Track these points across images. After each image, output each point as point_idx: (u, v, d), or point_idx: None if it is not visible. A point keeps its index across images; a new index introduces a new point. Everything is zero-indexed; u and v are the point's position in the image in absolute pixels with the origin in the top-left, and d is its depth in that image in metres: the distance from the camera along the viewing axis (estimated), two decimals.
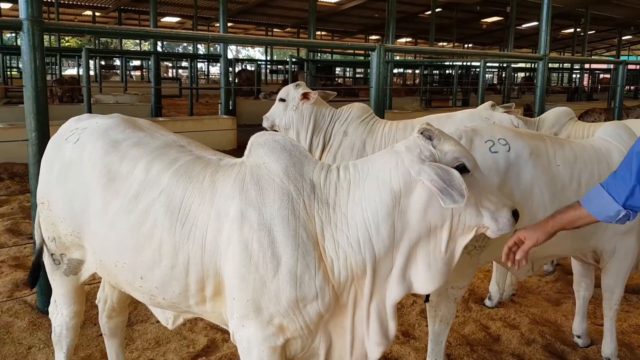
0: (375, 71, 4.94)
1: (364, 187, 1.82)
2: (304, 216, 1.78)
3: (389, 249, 1.80)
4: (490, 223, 1.79)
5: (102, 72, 18.96)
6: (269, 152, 1.88)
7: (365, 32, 31.53)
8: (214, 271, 1.84)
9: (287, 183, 1.81)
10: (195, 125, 9.09)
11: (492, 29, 29.63)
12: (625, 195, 1.70)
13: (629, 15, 26.61)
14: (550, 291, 4.15)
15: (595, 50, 41.81)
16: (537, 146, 2.73)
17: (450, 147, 1.79)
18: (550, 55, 6.70)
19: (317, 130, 4.05)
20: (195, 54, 22.33)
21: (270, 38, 24.76)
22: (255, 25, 28.68)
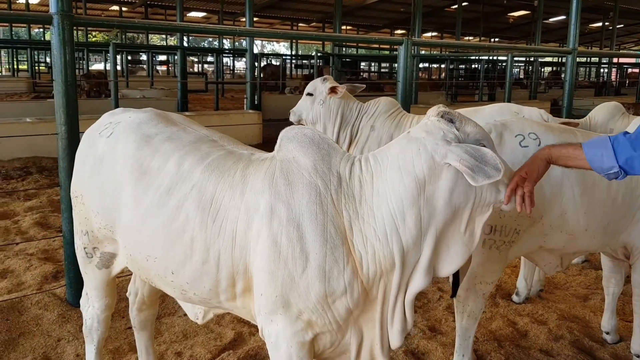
0: (402, 65, 4.92)
1: (386, 178, 1.80)
2: (332, 210, 1.78)
3: (417, 239, 1.78)
4: (498, 197, 1.80)
5: (129, 67, 19.20)
6: (298, 146, 1.88)
7: (391, 26, 31.36)
8: (244, 267, 1.85)
9: (315, 177, 1.81)
10: (222, 119, 9.17)
11: (519, 23, 29.18)
12: (626, 157, 1.69)
13: None
14: (579, 287, 4.10)
15: (624, 45, 40.85)
16: (568, 140, 2.69)
17: (472, 129, 1.79)
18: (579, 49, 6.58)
19: (345, 125, 4.05)
20: (221, 49, 22.44)
21: (297, 32, 24.81)
22: (280, 20, 28.77)
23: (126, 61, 17.20)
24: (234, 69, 27.97)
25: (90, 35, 31.30)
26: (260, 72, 14.62)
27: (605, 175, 1.74)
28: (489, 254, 2.61)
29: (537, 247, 2.69)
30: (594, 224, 2.66)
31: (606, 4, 23.72)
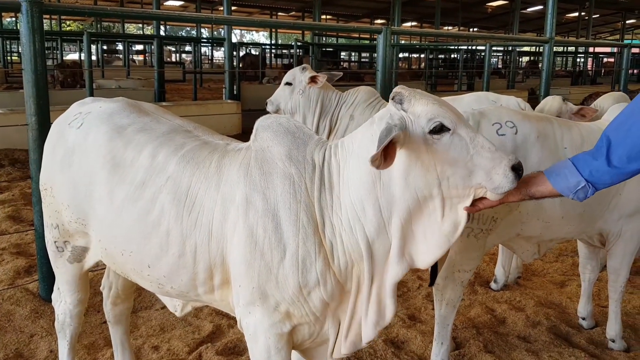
0: (381, 54, 4.90)
1: (349, 166, 1.75)
2: (305, 199, 1.75)
3: (380, 228, 1.72)
4: (487, 181, 1.60)
5: (105, 57, 18.87)
6: (273, 135, 1.85)
7: (371, 16, 31.29)
8: (221, 259, 1.83)
9: (289, 166, 1.78)
10: (200, 110, 9.05)
11: (497, 13, 29.36)
12: (589, 169, 1.62)
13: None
14: (555, 274, 4.16)
15: (599, 35, 41.42)
16: (545, 128, 2.70)
17: (423, 108, 1.63)
18: (556, 38, 6.63)
19: (324, 114, 4.02)
20: (199, 38, 22.15)
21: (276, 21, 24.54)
22: (259, 9, 28.48)
23: (101, 51, 16.90)
24: (212, 58, 27.68)
25: (64, 24, 30.63)
26: (239, 61, 14.47)
27: (574, 196, 1.66)
28: (467, 242, 2.62)
29: (515, 235, 2.71)
30: (570, 211, 2.68)
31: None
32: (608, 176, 1.62)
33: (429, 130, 1.61)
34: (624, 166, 1.59)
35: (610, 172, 1.61)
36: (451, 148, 1.61)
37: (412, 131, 1.62)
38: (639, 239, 2.90)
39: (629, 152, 1.57)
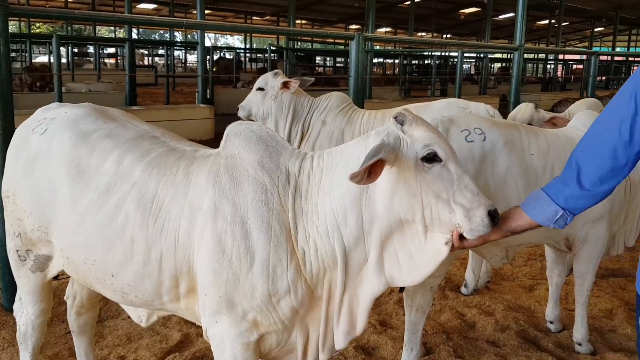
0: (354, 60, 4.92)
1: (334, 174, 1.76)
2: (277, 207, 1.75)
3: (359, 239, 1.74)
4: (464, 221, 1.63)
5: (75, 60, 18.55)
6: (245, 142, 1.84)
7: (346, 21, 31.46)
8: (188, 267, 1.81)
9: (262, 174, 1.78)
10: (172, 114, 8.96)
11: (470, 20, 29.81)
12: (564, 196, 1.65)
13: (601, 7, 27.05)
14: (524, 278, 4.22)
15: (569, 42, 42.38)
16: (512, 135, 2.75)
17: (422, 134, 1.66)
18: (525, 45, 6.75)
19: (296, 120, 4.03)
20: (172, 42, 21.95)
21: (248, 25, 24.48)
22: (234, 13, 28.40)
23: (72, 53, 16.62)
24: (185, 62, 27.44)
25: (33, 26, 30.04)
26: (212, 65, 14.38)
27: (555, 225, 1.68)
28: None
29: None
30: None
31: (552, 2, 24.51)
32: (583, 200, 1.64)
33: (422, 156, 1.64)
34: (597, 188, 1.62)
35: (584, 195, 1.63)
36: (439, 179, 1.64)
37: (405, 153, 1.65)
38: (603, 244, 2.96)
39: (600, 173, 1.60)
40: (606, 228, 2.92)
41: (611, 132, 1.59)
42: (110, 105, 2.39)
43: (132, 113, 2.35)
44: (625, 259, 4.55)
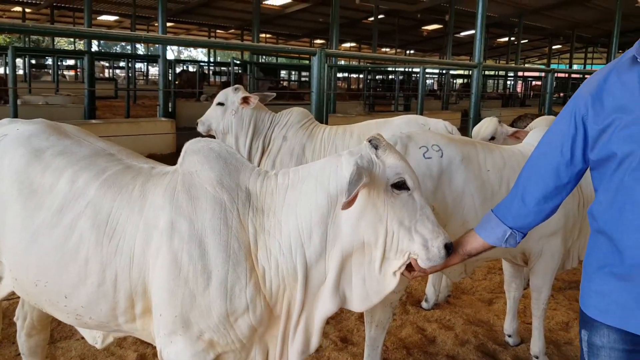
0: (316, 76, 4.94)
1: (301, 189, 1.78)
2: (236, 226, 1.74)
3: (321, 257, 1.76)
4: (421, 250, 1.70)
5: (33, 72, 18.09)
6: (204, 159, 1.83)
7: (311, 35, 31.68)
8: (143, 287, 1.78)
9: (221, 192, 1.77)
10: (132, 128, 8.78)
11: (433, 36, 30.42)
12: (512, 216, 1.72)
13: (558, 25, 28.03)
14: (484, 291, 4.27)
15: (528, 59, 43.72)
16: (469, 152, 2.80)
17: (394, 161, 1.74)
18: (484, 63, 6.92)
19: (257, 135, 4.01)
20: (133, 54, 21.63)
21: (208, 40, 24.36)
22: (197, 26, 28.22)
23: (29, 65, 16.21)
24: (147, 74, 27.09)
25: None
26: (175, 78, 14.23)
27: (506, 244, 1.75)
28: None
29: None
30: None
31: (512, 20, 25.27)
32: (529, 219, 1.71)
33: (393, 182, 1.71)
34: (541, 206, 1.68)
35: (530, 214, 1.70)
36: (404, 207, 1.71)
37: (377, 178, 1.70)
38: (559, 258, 3.03)
39: (544, 192, 1.67)
40: (561, 242, 2.99)
41: (554, 152, 1.65)
42: (68, 118, 2.34)
43: (91, 126, 2.30)
44: (581, 272, 4.66)
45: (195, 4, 21.87)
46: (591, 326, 1.61)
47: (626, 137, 1.50)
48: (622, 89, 1.54)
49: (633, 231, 1.50)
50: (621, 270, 1.54)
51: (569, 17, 25.15)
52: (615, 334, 1.55)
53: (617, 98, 1.54)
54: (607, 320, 1.57)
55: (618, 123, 1.52)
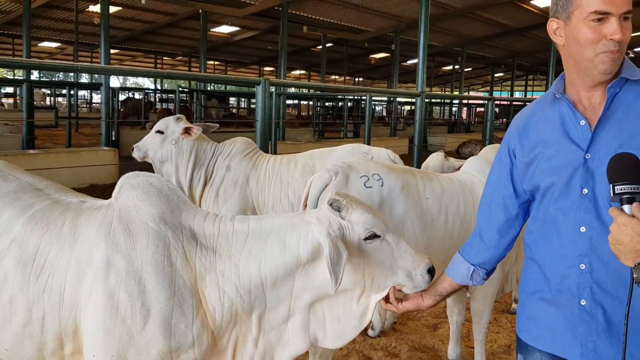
0: (260, 105, 4.96)
1: (266, 244, 1.79)
2: (182, 263, 1.72)
3: (285, 302, 1.79)
4: (406, 281, 1.80)
5: None
6: (143, 195, 1.79)
7: (260, 63, 31.84)
8: (74, 326, 1.71)
9: (164, 228, 1.74)
10: (72, 158, 8.50)
11: (381, 64, 31.17)
12: (473, 254, 1.80)
13: (500, 55, 29.28)
14: (429, 317, 4.32)
15: (473, 86, 45.38)
16: (408, 180, 2.86)
17: (359, 217, 1.78)
18: (428, 91, 7.14)
19: (199, 166, 3.97)
20: (74, 82, 21.09)
21: (147, 69, 23.89)
22: (143, 52, 27.87)
23: None
24: (91, 102, 26.47)
25: None
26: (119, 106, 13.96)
27: (472, 282, 1.82)
28: None
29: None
30: (433, 258, 2.79)
31: (455, 49, 26.24)
32: (489, 254, 1.79)
33: (364, 237, 1.76)
34: (498, 241, 1.77)
35: (489, 249, 1.78)
36: (379, 252, 1.77)
37: (348, 238, 1.76)
38: (497, 282, 3.10)
39: (497, 227, 1.75)
40: (499, 267, 3.04)
41: (499, 186, 1.74)
42: (6, 148, 2.26)
43: (29, 157, 2.22)
44: None
45: (140, 31, 21.63)
46: (525, 350, 1.67)
47: (547, 170, 1.58)
48: (545, 124, 1.62)
49: (557, 259, 1.58)
50: (549, 296, 1.60)
51: (509, 46, 26.34)
52: (547, 358, 1.60)
53: (541, 132, 1.62)
54: (538, 344, 1.62)
55: (541, 157, 1.60)
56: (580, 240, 1.52)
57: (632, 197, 1.30)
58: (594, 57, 1.47)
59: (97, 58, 24.70)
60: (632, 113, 1.48)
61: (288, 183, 3.93)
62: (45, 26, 20.90)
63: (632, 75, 1.50)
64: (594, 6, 1.43)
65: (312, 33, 20.49)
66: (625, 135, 1.47)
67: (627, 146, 1.44)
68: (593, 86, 1.53)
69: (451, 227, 2.92)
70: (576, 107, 1.56)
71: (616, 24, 1.43)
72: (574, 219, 1.53)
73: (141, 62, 31.58)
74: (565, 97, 1.58)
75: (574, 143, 1.54)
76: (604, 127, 1.50)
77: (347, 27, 20.73)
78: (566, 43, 1.53)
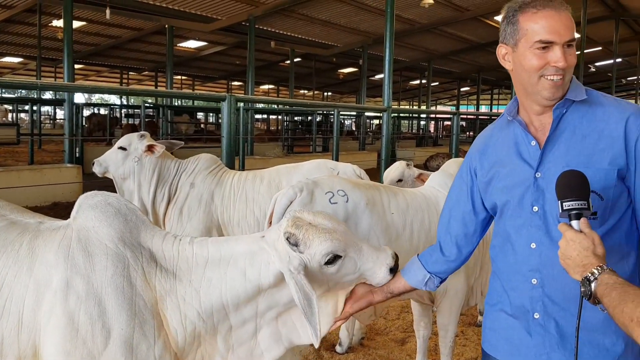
0: (226, 121, 4.92)
1: (225, 272, 1.77)
2: (141, 284, 1.70)
3: (250, 321, 1.80)
4: (371, 279, 1.85)
5: None
6: (101, 215, 1.76)
7: (228, 77, 31.78)
8: (33, 350, 1.66)
9: (124, 249, 1.72)
10: (34, 176, 8.28)
11: (349, 79, 31.48)
12: (431, 262, 1.86)
13: (466, 69, 29.95)
14: (397, 331, 4.32)
15: (440, 100, 46.21)
16: (373, 196, 2.87)
17: (317, 247, 1.75)
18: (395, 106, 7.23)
19: (162, 183, 3.91)
20: (37, 99, 20.62)
21: (109, 87, 23.68)
22: (109, 67, 27.52)
23: None
24: (55, 117, 25.93)
25: None
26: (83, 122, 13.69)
27: (426, 287, 1.87)
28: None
29: None
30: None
31: (422, 64, 26.70)
32: (445, 265, 1.85)
33: (324, 263, 1.76)
34: (457, 255, 1.83)
35: (446, 261, 1.85)
36: (343, 267, 1.79)
37: (311, 268, 1.75)
38: (462, 296, 3.13)
39: (455, 241, 1.82)
40: (464, 281, 3.09)
41: (459, 203, 1.80)
42: None
43: None
44: None
45: (106, 46, 21.40)
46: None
47: (502, 189, 1.65)
48: (501, 144, 1.70)
49: (513, 273, 1.64)
50: (508, 309, 1.66)
51: (474, 61, 26.97)
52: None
53: (497, 152, 1.70)
54: (498, 355, 1.69)
55: (497, 176, 1.67)
56: (531, 256, 1.58)
57: (579, 212, 1.35)
58: (538, 83, 1.53)
59: (60, 73, 24.25)
60: (579, 132, 1.55)
61: (254, 199, 3.90)
62: (7, 41, 20.51)
63: (576, 96, 1.56)
64: (538, 36, 1.50)
65: (280, 48, 20.59)
66: (572, 154, 1.53)
67: (574, 164, 1.49)
68: (540, 109, 1.60)
69: (416, 241, 2.94)
70: (528, 128, 1.63)
71: (560, 52, 1.49)
72: (526, 235, 1.59)
73: (107, 77, 31.20)
74: (518, 119, 1.64)
75: (526, 162, 1.60)
76: (553, 147, 1.57)
77: (315, 42, 20.92)
78: (514, 68, 1.61)
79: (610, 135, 1.51)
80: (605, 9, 18.95)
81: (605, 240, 1.45)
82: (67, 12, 10.37)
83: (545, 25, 1.49)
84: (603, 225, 1.51)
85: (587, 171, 1.43)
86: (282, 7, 15.42)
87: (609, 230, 1.52)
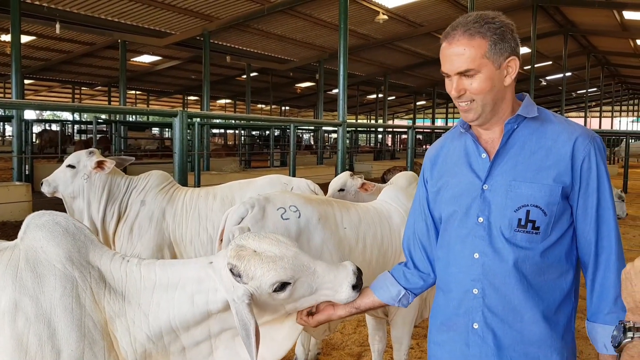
0: (178, 137, 4.85)
1: (173, 297, 1.74)
2: (90, 304, 1.67)
3: (204, 342, 1.78)
4: (333, 298, 1.81)
5: None
6: (49, 235, 1.72)
7: (184, 92, 31.46)
8: None
9: (71, 269, 1.68)
10: None
11: (307, 94, 31.67)
12: (405, 278, 1.85)
13: (421, 84, 30.59)
14: (354, 345, 4.32)
15: (397, 114, 46.98)
16: (325, 211, 2.88)
17: (261, 278, 1.70)
18: (349, 120, 7.30)
19: (112, 200, 3.81)
20: None
21: (55, 103, 23.00)
22: (60, 82, 26.83)
23: None
24: (4, 134, 25.08)
25: None
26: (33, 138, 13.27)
27: (399, 303, 1.86)
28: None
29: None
30: None
31: (378, 79, 27.10)
32: (421, 281, 1.84)
33: (272, 291, 1.71)
34: (429, 267, 1.83)
35: (421, 276, 1.84)
36: (295, 292, 1.74)
37: (257, 296, 1.72)
38: (415, 308, 3.16)
39: (426, 254, 1.83)
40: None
41: (420, 216, 1.83)
42: None
43: None
44: None
45: (57, 61, 20.86)
46: None
47: (450, 199, 1.69)
48: (452, 154, 1.74)
49: (455, 284, 1.67)
50: (449, 321, 1.69)
51: (429, 75, 27.58)
52: None
53: (448, 163, 1.74)
54: None
55: (446, 186, 1.71)
56: (474, 266, 1.61)
57: None
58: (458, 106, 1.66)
59: (9, 89, 23.51)
60: (527, 148, 1.60)
61: (206, 216, 3.85)
62: None
63: (528, 113, 1.63)
64: (442, 67, 1.63)
65: (236, 62, 20.54)
66: (520, 168, 1.59)
67: (520, 179, 1.56)
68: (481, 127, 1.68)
69: (369, 255, 2.96)
70: (479, 140, 1.68)
71: (453, 82, 1.60)
72: (470, 245, 1.63)
73: (58, 93, 30.41)
74: (469, 132, 1.70)
75: (475, 173, 1.65)
76: (501, 161, 1.62)
77: (272, 57, 20.97)
78: None
79: (558, 153, 1.56)
80: (554, 24, 19.78)
81: (546, 256, 1.50)
82: (15, 27, 10.07)
83: (442, 57, 1.61)
84: (545, 240, 1.56)
85: (533, 186, 1.48)
86: (236, 22, 15.40)
87: (550, 246, 1.57)
